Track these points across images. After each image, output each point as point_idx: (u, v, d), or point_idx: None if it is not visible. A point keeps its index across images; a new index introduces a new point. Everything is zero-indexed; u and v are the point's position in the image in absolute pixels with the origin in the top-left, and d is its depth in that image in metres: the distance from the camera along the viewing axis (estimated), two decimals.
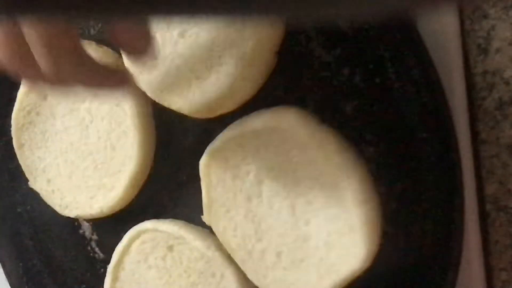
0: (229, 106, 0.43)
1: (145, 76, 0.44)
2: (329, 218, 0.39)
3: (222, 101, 0.42)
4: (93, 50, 0.48)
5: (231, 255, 0.44)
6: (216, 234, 0.44)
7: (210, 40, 0.41)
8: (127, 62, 0.45)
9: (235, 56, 0.40)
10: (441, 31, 0.41)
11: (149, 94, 0.44)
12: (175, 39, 0.42)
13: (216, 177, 0.43)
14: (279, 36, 0.41)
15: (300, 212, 0.41)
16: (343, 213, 0.39)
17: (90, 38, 0.50)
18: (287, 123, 0.39)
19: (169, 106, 0.44)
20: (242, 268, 0.44)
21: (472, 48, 0.42)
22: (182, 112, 0.44)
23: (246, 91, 0.42)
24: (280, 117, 0.40)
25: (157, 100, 0.44)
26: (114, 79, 0.36)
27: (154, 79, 0.43)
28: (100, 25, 0.49)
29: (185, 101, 0.43)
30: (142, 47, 0.34)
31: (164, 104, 0.44)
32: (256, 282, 0.43)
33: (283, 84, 0.43)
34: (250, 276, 0.43)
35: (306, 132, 0.39)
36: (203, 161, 0.44)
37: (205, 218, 0.45)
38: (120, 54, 0.48)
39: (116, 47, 0.48)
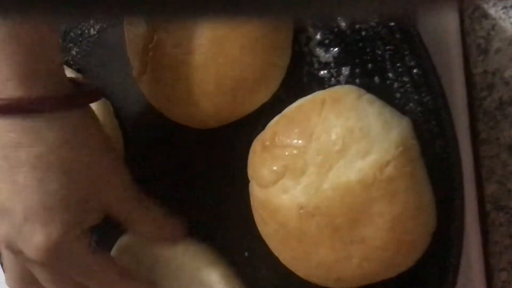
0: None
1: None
2: None
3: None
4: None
5: None
6: None
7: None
8: None
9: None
10: (441, 31, 0.41)
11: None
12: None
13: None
14: None
15: None
16: None
17: (90, 38, 0.50)
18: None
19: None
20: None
21: (472, 48, 0.42)
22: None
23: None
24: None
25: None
26: None
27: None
28: (100, 25, 0.49)
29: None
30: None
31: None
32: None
33: (283, 84, 0.43)
34: None
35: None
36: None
37: None
38: None
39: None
